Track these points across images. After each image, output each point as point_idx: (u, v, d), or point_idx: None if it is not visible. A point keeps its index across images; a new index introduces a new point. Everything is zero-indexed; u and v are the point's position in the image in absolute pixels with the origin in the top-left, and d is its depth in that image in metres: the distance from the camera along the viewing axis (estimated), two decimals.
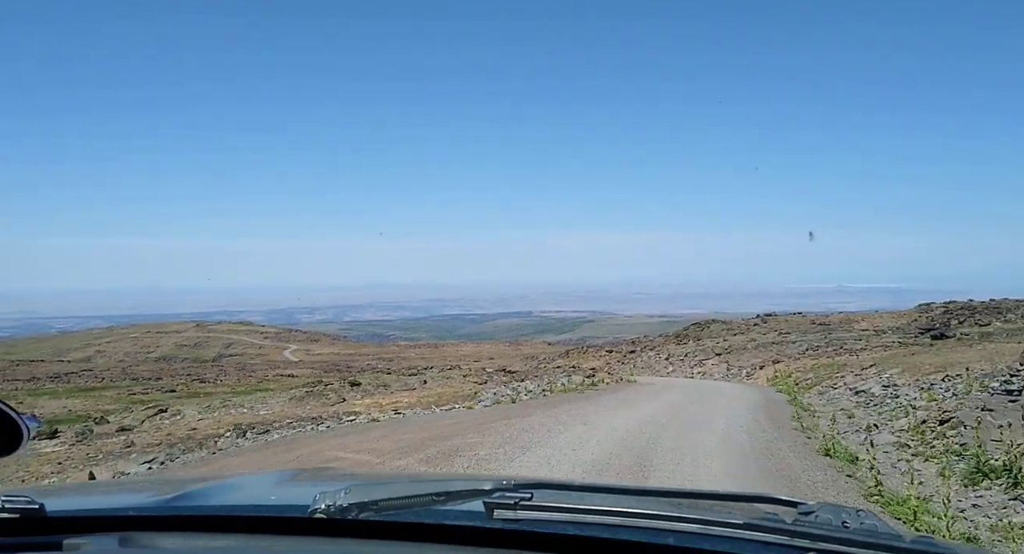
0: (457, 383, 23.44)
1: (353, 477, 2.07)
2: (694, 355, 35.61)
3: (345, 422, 15.57)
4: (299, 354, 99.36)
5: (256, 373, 69.06)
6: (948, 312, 45.01)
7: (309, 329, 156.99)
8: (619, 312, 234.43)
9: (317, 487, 1.43)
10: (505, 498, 1.20)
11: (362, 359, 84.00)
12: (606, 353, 53.10)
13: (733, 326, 52.72)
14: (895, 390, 16.02)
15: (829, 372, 23.55)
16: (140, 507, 1.38)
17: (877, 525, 1.19)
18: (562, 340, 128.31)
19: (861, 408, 15.12)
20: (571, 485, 1.47)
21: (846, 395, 17.58)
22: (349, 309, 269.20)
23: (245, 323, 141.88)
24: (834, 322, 50.39)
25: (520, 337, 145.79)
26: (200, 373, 70.37)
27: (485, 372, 25.65)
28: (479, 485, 1.27)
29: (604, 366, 44.98)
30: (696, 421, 10.96)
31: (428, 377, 24.85)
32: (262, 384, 51.56)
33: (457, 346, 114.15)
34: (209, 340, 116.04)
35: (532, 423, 10.49)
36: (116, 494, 1.91)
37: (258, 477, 1.95)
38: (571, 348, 69.46)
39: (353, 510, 1.17)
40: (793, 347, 32.03)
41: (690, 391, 18.43)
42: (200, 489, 1.52)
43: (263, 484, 1.73)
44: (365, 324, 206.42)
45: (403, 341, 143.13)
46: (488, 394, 20.25)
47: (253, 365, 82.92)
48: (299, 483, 1.85)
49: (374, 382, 23.84)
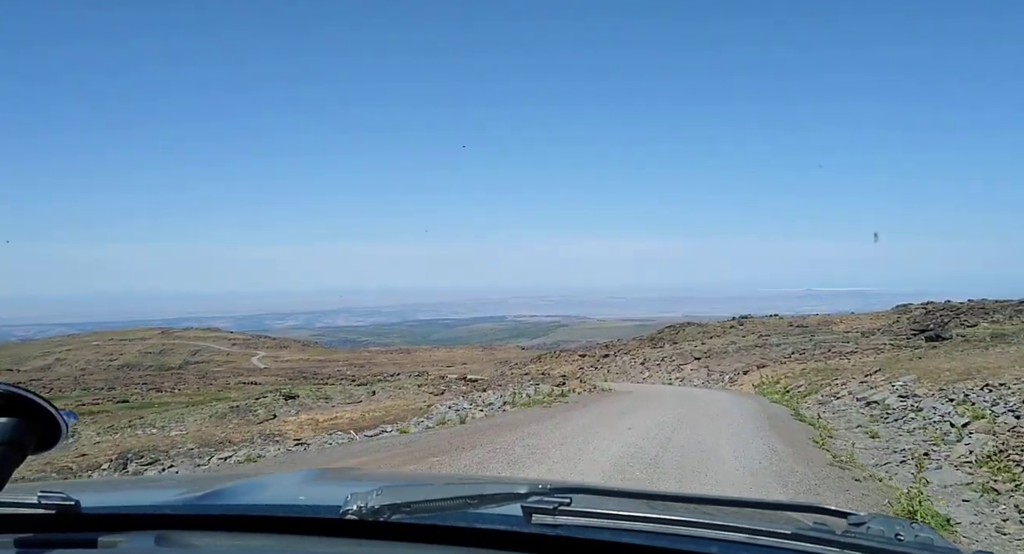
0: (411, 394, 20.46)
1: (384, 477, 2.12)
2: (671, 359, 32.95)
3: (258, 447, 12.55)
4: (267, 361, 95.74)
5: (218, 381, 65.39)
6: (929, 313, 43.10)
7: (280, 335, 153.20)
8: (592, 316, 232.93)
9: (347, 487, 1.50)
10: (543, 503, 1.15)
11: (332, 365, 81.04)
12: (579, 357, 50.53)
13: (709, 329, 50.39)
14: (916, 402, 13.40)
15: (824, 378, 20.97)
16: (174, 504, 1.36)
17: (933, 538, 1.15)
18: (536, 344, 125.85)
19: (880, 424, 12.46)
20: (611, 490, 1.34)
21: (854, 407, 14.93)
22: (321, 315, 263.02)
23: (212, 330, 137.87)
24: (812, 324, 48.27)
25: (494, 342, 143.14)
26: (158, 382, 66.54)
27: (444, 381, 22.66)
28: (515, 488, 1.19)
29: (577, 372, 42.32)
30: (697, 454, 8.15)
31: (380, 388, 21.76)
32: (223, 392, 48.35)
33: (430, 351, 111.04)
34: (175, 347, 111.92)
35: (474, 460, 7.61)
36: (150, 490, 1.94)
37: (288, 476, 1.86)
38: (544, 353, 66.87)
39: (385, 511, 1.13)
40: (777, 350, 29.51)
41: (675, 403, 15.64)
42: (231, 487, 1.51)
43: (293, 483, 1.70)
44: (337, 330, 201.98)
45: (375, 347, 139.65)
46: (442, 408, 17.32)
47: (216, 373, 79.17)
48: (329, 482, 1.82)
49: (314, 394, 20.75)
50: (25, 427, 1.01)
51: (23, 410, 1.01)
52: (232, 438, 14.62)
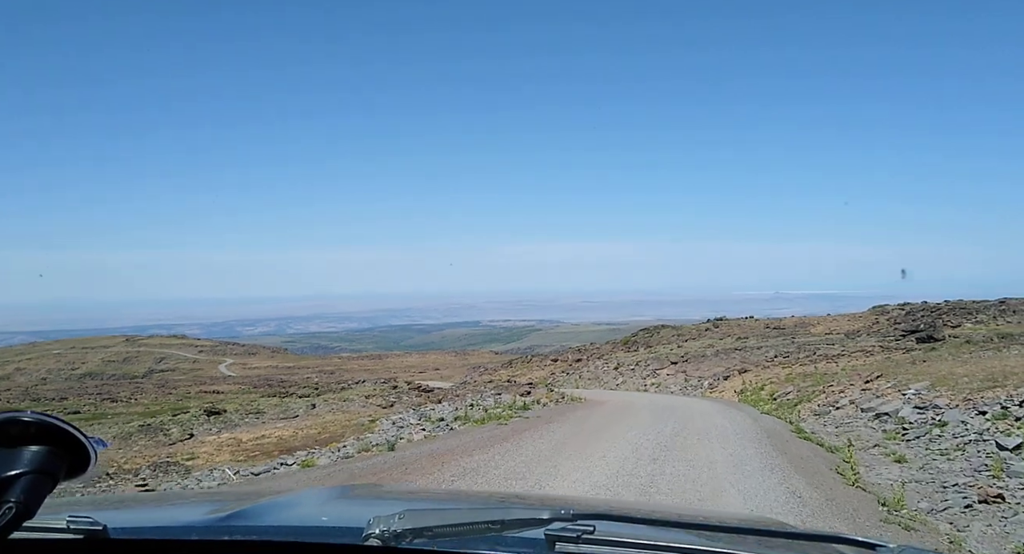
0: (356, 407, 17.92)
1: (408, 496, 2.07)
2: (646, 364, 30.72)
3: (144, 479, 9.94)
4: (235, 368, 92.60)
5: (178, 390, 62.09)
6: (909, 314, 41.58)
7: (250, 342, 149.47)
8: (566, 320, 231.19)
9: (370, 507, 1.54)
10: (567, 530, 1.13)
11: (301, 372, 78.26)
12: (551, 362, 48.41)
13: (684, 331, 48.46)
14: (937, 414, 11.21)
15: (814, 384, 18.85)
16: (200, 527, 1.36)
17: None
18: (510, 349, 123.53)
19: (900, 443, 10.24)
20: (634, 517, 1.32)
21: (861, 419, 12.73)
22: (292, 321, 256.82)
23: (179, 337, 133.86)
24: (789, 326, 46.52)
25: (468, 347, 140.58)
26: (114, 391, 62.98)
27: (396, 391, 20.13)
28: (538, 514, 1.18)
29: (548, 377, 40.10)
30: (694, 498, 5.79)
31: (323, 400, 19.14)
32: (181, 402, 45.48)
33: (401, 357, 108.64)
34: (139, 355, 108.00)
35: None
36: (176, 508, 1.93)
37: (310, 494, 1.84)
38: (515, 357, 64.57)
39: (407, 536, 1.12)
40: (758, 354, 27.42)
41: (655, 417, 13.29)
42: (254, 507, 1.50)
43: (315, 501, 1.68)
44: (309, 336, 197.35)
45: (347, 353, 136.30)
46: (386, 424, 14.82)
47: (177, 381, 75.76)
48: (351, 501, 1.81)
49: (245, 409, 18.10)
50: (56, 455, 1.03)
51: (54, 438, 1.02)
52: (126, 465, 11.99)
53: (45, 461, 1.02)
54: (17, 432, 1.02)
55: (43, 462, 1.02)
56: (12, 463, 1.00)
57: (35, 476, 1.00)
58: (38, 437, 1.02)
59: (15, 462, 1.00)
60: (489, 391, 19.65)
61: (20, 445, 1.02)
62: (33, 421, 1.01)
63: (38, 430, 1.02)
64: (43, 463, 1.01)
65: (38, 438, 1.02)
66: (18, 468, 1.00)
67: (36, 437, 1.02)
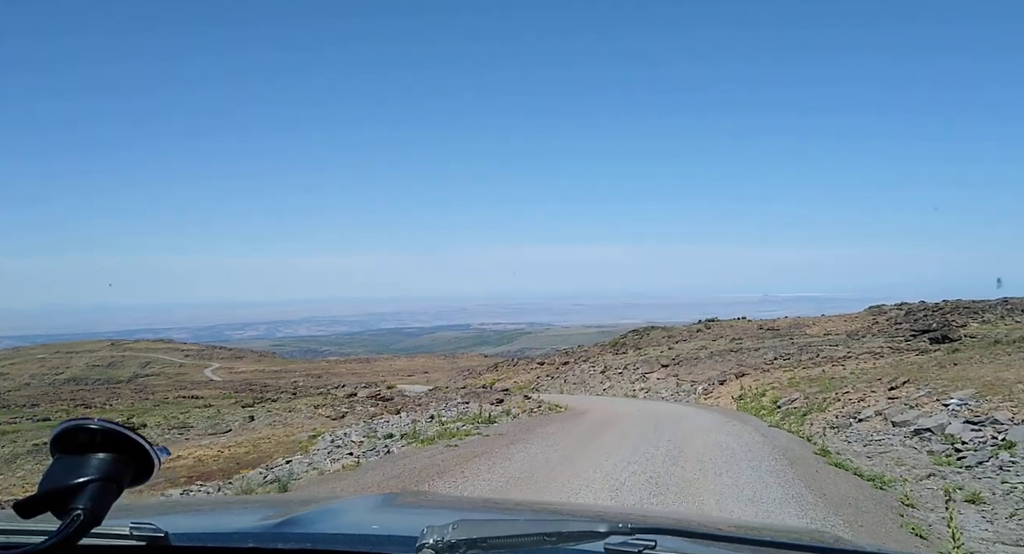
0: (301, 418, 15.37)
1: (459, 504, 2.06)
2: (635, 367, 28.23)
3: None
4: (221, 373, 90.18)
5: (156, 395, 59.33)
6: (909, 313, 39.35)
7: (239, 346, 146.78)
8: (556, 323, 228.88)
9: (421, 516, 1.52)
10: (626, 546, 1.09)
11: (288, 376, 75.81)
12: (537, 365, 46.03)
13: (675, 333, 46.08)
14: (1000, 431, 8.78)
15: (823, 390, 16.41)
16: (256, 534, 1.35)
17: None
18: (500, 352, 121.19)
19: (961, 472, 7.76)
20: (696, 532, 1.27)
21: (895, 436, 10.27)
22: (282, 325, 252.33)
23: (165, 341, 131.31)
24: (783, 327, 44.17)
25: (458, 350, 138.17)
26: (89, 397, 60.18)
27: (350, 401, 17.54)
28: (594, 526, 1.12)
29: (533, 381, 37.73)
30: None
31: (265, 410, 16.52)
32: (157, 408, 42.89)
33: (390, 361, 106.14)
34: (124, 359, 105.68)
35: None
36: (232, 515, 1.93)
37: (360, 501, 1.84)
38: (502, 361, 62.23)
39: (461, 547, 1.08)
40: (756, 356, 24.98)
41: (643, 434, 10.76)
42: (307, 514, 1.49)
43: (366, 509, 1.67)
44: (298, 340, 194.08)
45: (336, 356, 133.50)
46: (324, 442, 12.27)
47: (156, 386, 72.93)
48: (402, 510, 1.78)
49: (169, 423, 15.50)
50: (122, 462, 1.04)
51: (119, 446, 1.04)
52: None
53: (111, 468, 1.03)
54: (84, 439, 1.02)
55: (109, 469, 1.02)
56: (80, 470, 1.01)
57: (102, 483, 1.01)
58: (104, 444, 1.03)
59: (83, 469, 1.01)
60: (459, 399, 17.12)
61: (87, 452, 1.02)
62: (100, 429, 1.02)
63: (104, 437, 1.02)
64: (109, 470, 1.02)
65: (104, 445, 1.03)
66: (86, 475, 1.01)
67: (102, 444, 1.03)
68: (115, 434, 1.03)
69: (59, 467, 1.03)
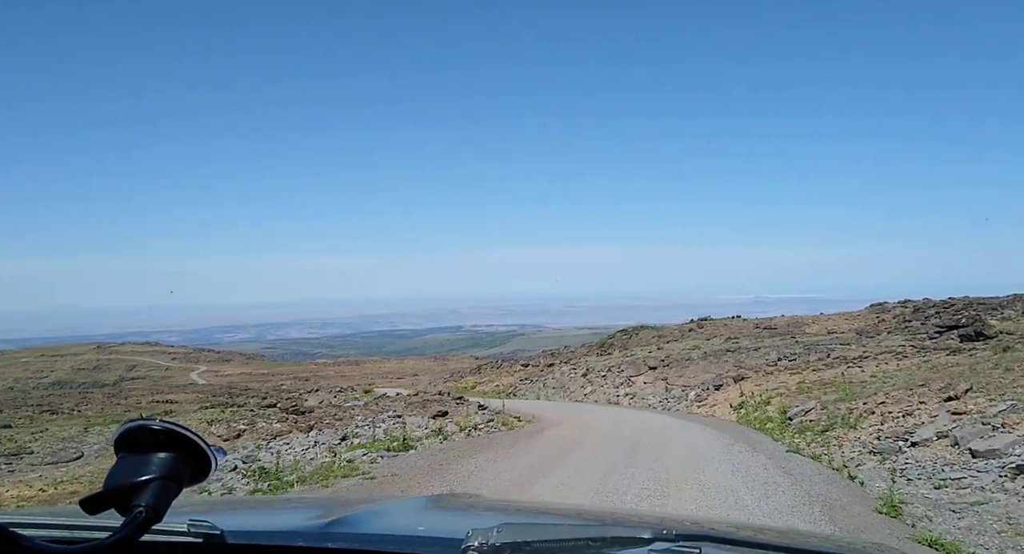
0: None
1: (503, 508, 2.01)
2: (619, 370, 24.77)
3: None
4: (207, 376, 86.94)
5: (129, 399, 55.62)
6: (918, 311, 36.00)
7: (230, 348, 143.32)
8: (549, 325, 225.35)
9: (466, 519, 1.54)
10: (671, 552, 1.07)
11: (275, 379, 72.45)
12: (521, 368, 42.60)
13: (666, 332, 42.62)
14: None
15: (844, 397, 12.95)
16: (304, 533, 1.37)
17: None
18: (492, 354, 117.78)
19: None
20: (740, 539, 1.27)
21: (984, 473, 6.77)
22: (274, 327, 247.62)
23: (152, 343, 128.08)
24: (781, 325, 40.80)
25: (450, 352, 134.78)
26: (57, 403, 56.42)
27: (255, 413, 14.03)
28: (638, 533, 1.14)
29: (513, 385, 34.31)
30: None
31: None
32: (130, 414, 39.32)
33: (379, 363, 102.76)
34: (110, 363, 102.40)
35: None
36: (282, 513, 1.94)
37: (405, 503, 1.86)
38: (485, 363, 58.79)
39: (505, 550, 1.09)
40: (757, 357, 21.56)
41: (612, 468, 7.24)
42: (355, 514, 1.51)
43: (411, 510, 1.69)
44: (290, 342, 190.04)
45: (328, 358, 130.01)
46: None
47: (133, 390, 69.34)
48: (447, 512, 1.77)
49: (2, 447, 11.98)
50: (182, 461, 1.06)
51: (179, 445, 1.06)
52: None
53: (172, 467, 1.04)
54: (145, 439, 1.04)
55: (170, 468, 1.04)
56: (142, 469, 1.03)
57: (163, 482, 1.03)
58: (165, 444, 1.05)
59: (145, 468, 1.03)
60: (393, 411, 13.60)
61: (148, 452, 1.04)
62: (161, 429, 1.04)
63: (165, 437, 1.04)
64: (170, 469, 1.04)
65: (165, 445, 1.05)
66: (148, 474, 1.02)
67: (163, 444, 1.05)
68: (176, 434, 1.04)
69: (122, 465, 1.03)
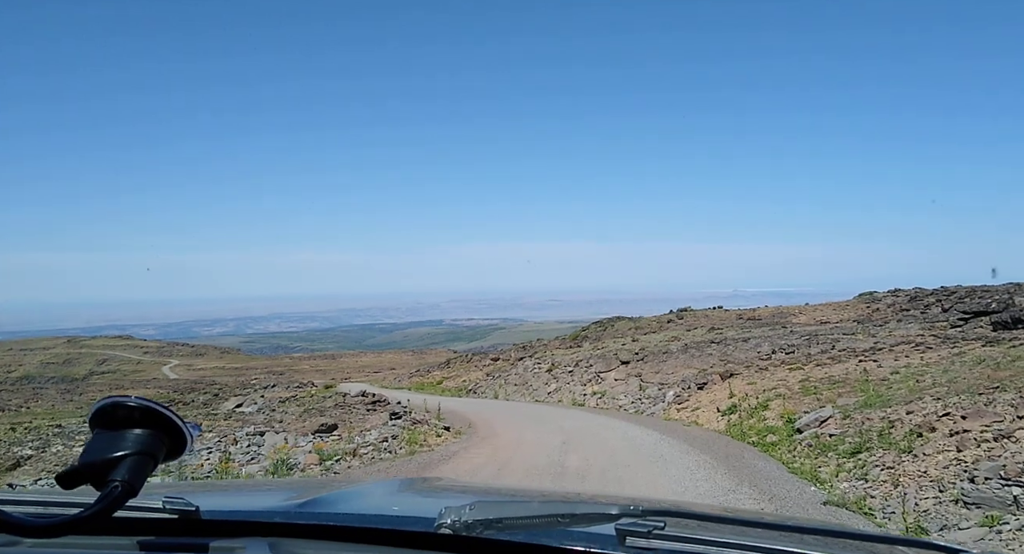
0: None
1: (475, 490, 2.04)
2: (588, 365, 21.27)
3: None
4: (179, 370, 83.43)
5: (86, 395, 51.40)
6: (915, 299, 32.93)
7: (207, 342, 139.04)
8: (530, 319, 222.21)
9: (439, 499, 1.53)
10: (637, 525, 1.09)
11: (249, 373, 68.92)
12: (491, 362, 38.90)
13: (643, 324, 39.22)
14: None
15: (870, 402, 9.50)
16: (283, 511, 1.38)
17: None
18: (472, 348, 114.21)
19: None
20: (706, 515, 1.28)
21: None
22: (252, 321, 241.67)
23: (124, 337, 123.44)
24: (765, 316, 37.54)
25: (430, 346, 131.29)
26: (5, 399, 52.11)
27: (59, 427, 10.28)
28: (606, 509, 1.15)
29: (477, 381, 30.66)
30: None
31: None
32: (82, 410, 35.37)
33: (356, 357, 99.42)
34: (81, 357, 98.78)
35: None
36: (260, 494, 1.97)
37: (380, 485, 1.86)
38: (455, 357, 55.22)
39: (478, 527, 1.10)
40: (746, 349, 18.12)
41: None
42: (329, 495, 1.53)
43: (386, 492, 1.70)
44: (268, 336, 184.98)
45: (305, 353, 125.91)
46: None
47: (95, 384, 65.18)
48: (421, 493, 1.79)
49: None
50: (158, 438, 1.07)
51: (155, 422, 1.06)
52: None
53: (148, 443, 1.04)
54: (123, 415, 1.04)
55: (146, 444, 1.04)
56: (118, 444, 1.03)
57: (139, 457, 1.03)
58: (142, 421, 1.05)
59: (121, 443, 1.03)
60: (289, 421, 9.92)
61: (124, 428, 1.05)
62: (137, 406, 1.04)
63: (141, 414, 1.04)
64: (146, 445, 1.04)
65: (142, 422, 1.05)
66: (123, 449, 1.03)
67: (140, 421, 1.05)
68: (152, 411, 1.04)
69: (98, 441, 1.03)
